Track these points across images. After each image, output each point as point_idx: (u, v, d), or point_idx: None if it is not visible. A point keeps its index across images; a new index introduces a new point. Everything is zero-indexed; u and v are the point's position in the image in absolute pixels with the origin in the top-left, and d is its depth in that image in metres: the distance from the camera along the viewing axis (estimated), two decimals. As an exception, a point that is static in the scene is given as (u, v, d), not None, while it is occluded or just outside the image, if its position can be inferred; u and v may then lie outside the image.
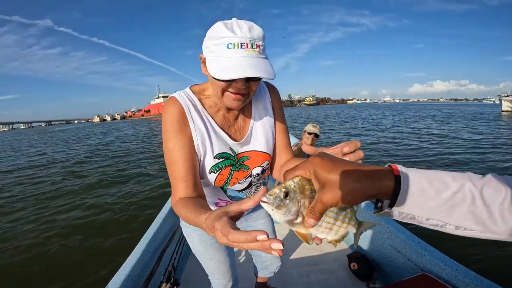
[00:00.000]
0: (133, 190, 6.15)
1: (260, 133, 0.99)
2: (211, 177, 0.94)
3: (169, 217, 2.30)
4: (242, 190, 1.05)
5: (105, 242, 3.74)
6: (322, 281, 2.00)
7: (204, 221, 0.56)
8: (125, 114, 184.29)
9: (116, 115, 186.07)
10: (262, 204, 0.44)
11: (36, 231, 4.28)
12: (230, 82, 0.75)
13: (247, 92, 0.80)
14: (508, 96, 36.41)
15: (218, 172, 0.93)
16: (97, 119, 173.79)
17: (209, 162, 0.91)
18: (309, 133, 2.78)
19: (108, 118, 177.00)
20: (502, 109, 35.67)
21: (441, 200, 0.38)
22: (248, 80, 0.77)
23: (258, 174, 1.03)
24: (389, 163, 0.43)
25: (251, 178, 1.02)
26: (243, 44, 0.71)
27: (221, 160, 0.92)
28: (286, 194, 0.43)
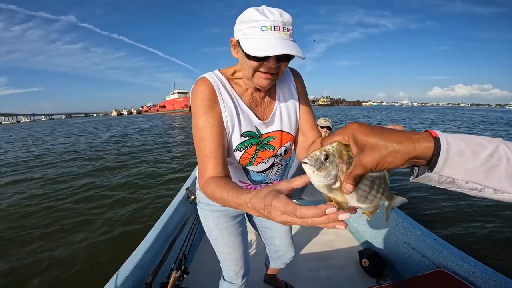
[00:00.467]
0: (149, 178, 6.39)
1: (284, 114, 1.02)
2: (237, 155, 0.96)
3: (181, 206, 2.32)
4: (264, 171, 1.07)
5: (117, 228, 3.82)
6: (331, 276, 1.97)
7: (249, 201, 0.55)
8: (141, 109, 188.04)
9: (132, 109, 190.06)
10: (303, 165, 0.44)
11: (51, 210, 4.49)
12: (262, 61, 0.79)
13: (277, 72, 0.84)
14: None
15: (244, 150, 0.96)
16: (114, 113, 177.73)
17: (236, 139, 0.93)
18: (322, 127, 2.77)
19: (125, 112, 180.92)
20: None
21: (479, 161, 0.38)
22: (278, 60, 0.80)
23: (281, 154, 1.06)
24: (425, 129, 0.42)
25: (274, 158, 1.05)
26: (275, 27, 0.75)
27: (247, 138, 0.95)
28: (326, 157, 0.44)
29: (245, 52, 0.78)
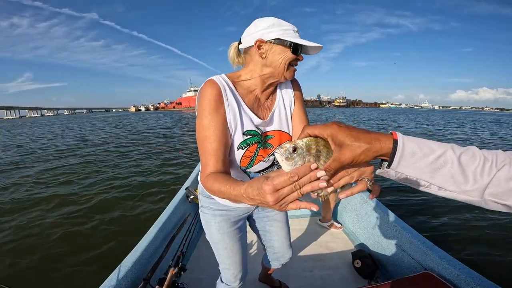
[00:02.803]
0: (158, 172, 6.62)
1: (282, 114, 1.10)
2: (239, 154, 1.00)
3: (180, 205, 2.41)
4: (264, 170, 1.12)
5: (120, 223, 3.89)
6: (324, 277, 2.02)
7: (244, 191, 0.59)
8: (158, 105, 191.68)
9: (150, 106, 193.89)
10: (275, 154, 0.53)
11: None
12: (296, 56, 0.95)
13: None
14: None
15: (246, 148, 1.01)
16: (132, 109, 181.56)
17: (239, 138, 0.98)
18: None
19: (143, 108, 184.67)
20: None
21: (427, 162, 0.47)
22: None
23: None
24: (391, 131, 0.51)
25: (273, 156, 1.11)
26: (295, 31, 0.95)
27: (249, 136, 1.01)
28: (294, 149, 0.52)
29: (294, 43, 0.92)
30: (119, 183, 5.85)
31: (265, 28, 0.93)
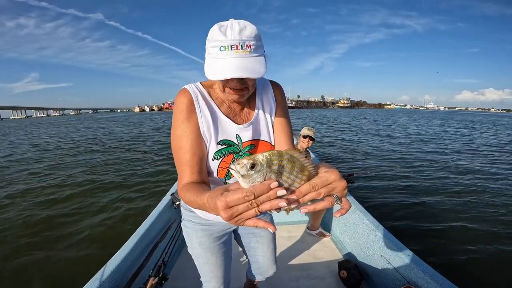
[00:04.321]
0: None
1: (263, 123, 1.03)
2: (214, 165, 0.96)
3: (165, 211, 2.37)
4: None
5: (101, 230, 3.75)
6: (310, 287, 1.99)
7: (207, 201, 0.57)
8: (162, 105, 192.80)
9: (154, 106, 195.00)
10: (231, 171, 0.48)
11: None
12: (226, 80, 0.82)
13: (245, 87, 0.86)
14: None
15: (221, 159, 0.96)
16: (137, 109, 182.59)
17: (213, 148, 0.95)
18: (304, 136, 2.73)
19: (147, 109, 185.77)
20: None
21: None
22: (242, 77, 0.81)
23: None
24: None
25: None
26: (232, 46, 0.75)
27: (224, 146, 0.96)
28: (253, 166, 0.47)
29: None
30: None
31: (206, 41, 0.82)
